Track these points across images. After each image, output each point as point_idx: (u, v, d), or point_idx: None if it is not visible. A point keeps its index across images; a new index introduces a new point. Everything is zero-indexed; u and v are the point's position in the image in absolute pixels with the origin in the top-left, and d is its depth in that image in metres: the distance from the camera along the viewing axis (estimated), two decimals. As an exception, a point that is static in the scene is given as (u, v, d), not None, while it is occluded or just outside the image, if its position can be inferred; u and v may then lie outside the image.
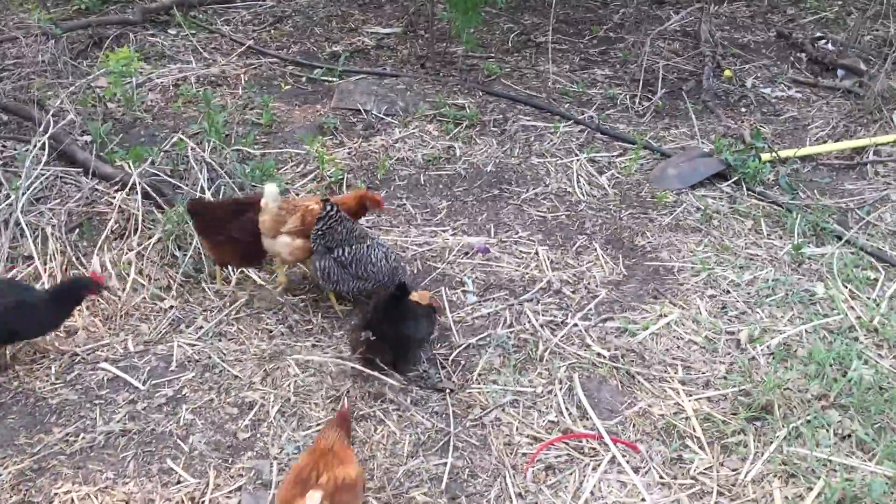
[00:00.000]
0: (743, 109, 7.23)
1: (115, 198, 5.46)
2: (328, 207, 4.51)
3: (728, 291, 5.09)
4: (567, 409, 4.30)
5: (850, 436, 4.10)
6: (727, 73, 7.60)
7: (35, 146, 5.58)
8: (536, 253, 5.41)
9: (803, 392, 4.31)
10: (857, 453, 4.03)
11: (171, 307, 4.81)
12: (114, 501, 3.68)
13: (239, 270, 5.11)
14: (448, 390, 4.36)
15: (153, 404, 4.22)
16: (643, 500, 3.83)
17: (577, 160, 6.34)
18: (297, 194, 5.85)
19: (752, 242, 5.53)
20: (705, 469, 4.00)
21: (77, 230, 5.28)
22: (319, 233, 4.55)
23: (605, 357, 4.60)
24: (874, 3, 8.64)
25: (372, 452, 4.00)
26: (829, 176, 6.30)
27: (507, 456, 4.04)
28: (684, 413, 4.28)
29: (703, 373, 4.52)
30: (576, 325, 4.83)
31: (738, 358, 4.59)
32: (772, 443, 4.08)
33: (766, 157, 6.26)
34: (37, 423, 4.10)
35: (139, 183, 5.43)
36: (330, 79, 7.42)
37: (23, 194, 5.14)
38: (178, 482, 3.81)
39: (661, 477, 3.95)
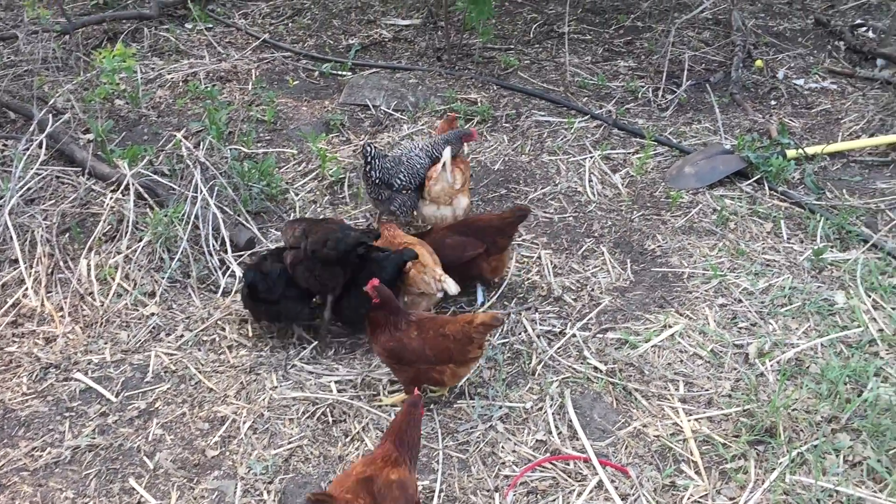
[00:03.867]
0: (773, 102, 6.82)
1: (110, 199, 5.35)
2: (368, 149, 4.91)
3: (740, 300, 4.76)
4: (557, 427, 4.05)
5: (860, 463, 3.77)
6: (758, 63, 7.20)
7: (32, 145, 5.51)
8: (539, 257, 5.14)
9: (812, 413, 3.99)
10: (867, 483, 3.70)
11: (153, 314, 4.67)
12: (70, 522, 3.56)
13: (226, 274, 4.95)
14: (433, 402, 4.15)
15: (124, 417, 4.08)
16: (629, 530, 3.58)
17: (591, 158, 6.03)
18: (297, 194, 5.67)
19: (771, 247, 5.18)
20: (700, 497, 3.71)
21: (67, 233, 5.18)
22: (375, 181, 4.96)
23: (601, 371, 4.33)
24: (921, -14, 8.12)
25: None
26: (861, 174, 5.85)
27: (489, 478, 3.81)
28: (682, 434, 3.99)
29: (706, 390, 4.22)
30: (574, 335, 4.57)
31: (745, 374, 4.27)
32: (774, 469, 3.77)
33: (791, 153, 5.86)
34: (4, 436, 3.99)
35: (133, 183, 5.31)
36: (342, 73, 7.22)
37: (11, 196, 5.05)
38: (139, 503, 3.66)
39: (650, 505, 3.68)
